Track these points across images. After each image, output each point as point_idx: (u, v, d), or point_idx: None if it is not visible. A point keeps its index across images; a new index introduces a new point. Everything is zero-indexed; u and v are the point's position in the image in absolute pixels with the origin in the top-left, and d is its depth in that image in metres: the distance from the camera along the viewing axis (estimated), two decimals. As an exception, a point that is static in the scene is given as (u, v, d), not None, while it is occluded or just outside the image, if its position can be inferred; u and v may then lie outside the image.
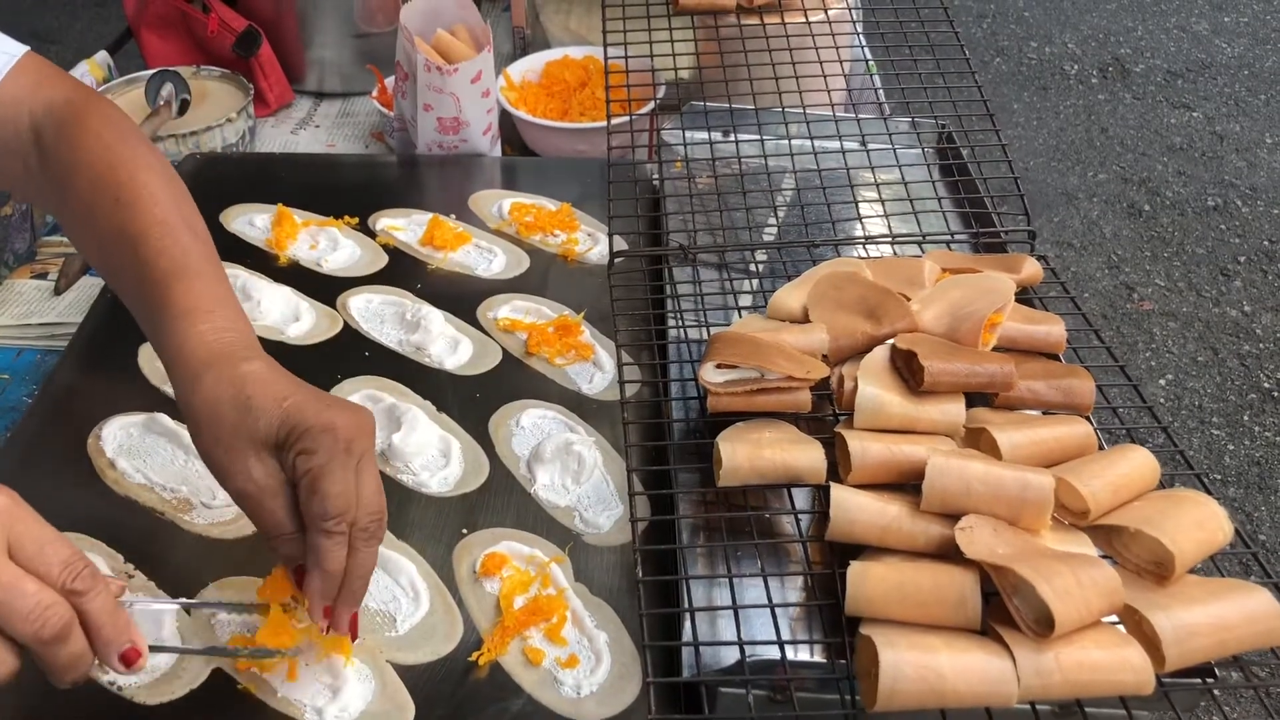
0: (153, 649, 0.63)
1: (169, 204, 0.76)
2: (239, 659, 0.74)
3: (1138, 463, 0.73)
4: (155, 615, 0.76)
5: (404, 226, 1.17)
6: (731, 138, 1.12)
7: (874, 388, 0.76)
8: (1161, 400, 2.59)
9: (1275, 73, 3.91)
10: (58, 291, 1.15)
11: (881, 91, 1.32)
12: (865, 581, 0.66)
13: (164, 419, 0.92)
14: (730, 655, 0.71)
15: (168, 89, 1.36)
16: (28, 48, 0.84)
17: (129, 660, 0.61)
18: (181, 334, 0.70)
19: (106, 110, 0.82)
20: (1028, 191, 1.05)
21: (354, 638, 0.72)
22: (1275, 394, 2.63)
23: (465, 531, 0.85)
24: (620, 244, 1.03)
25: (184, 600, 0.78)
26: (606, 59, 1.19)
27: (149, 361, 0.99)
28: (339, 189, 1.24)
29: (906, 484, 0.73)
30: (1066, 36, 4.16)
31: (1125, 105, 3.75)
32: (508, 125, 1.39)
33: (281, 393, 0.67)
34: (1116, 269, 3.02)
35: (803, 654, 0.72)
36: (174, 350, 0.70)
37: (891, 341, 0.81)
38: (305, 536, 0.66)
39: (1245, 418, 2.57)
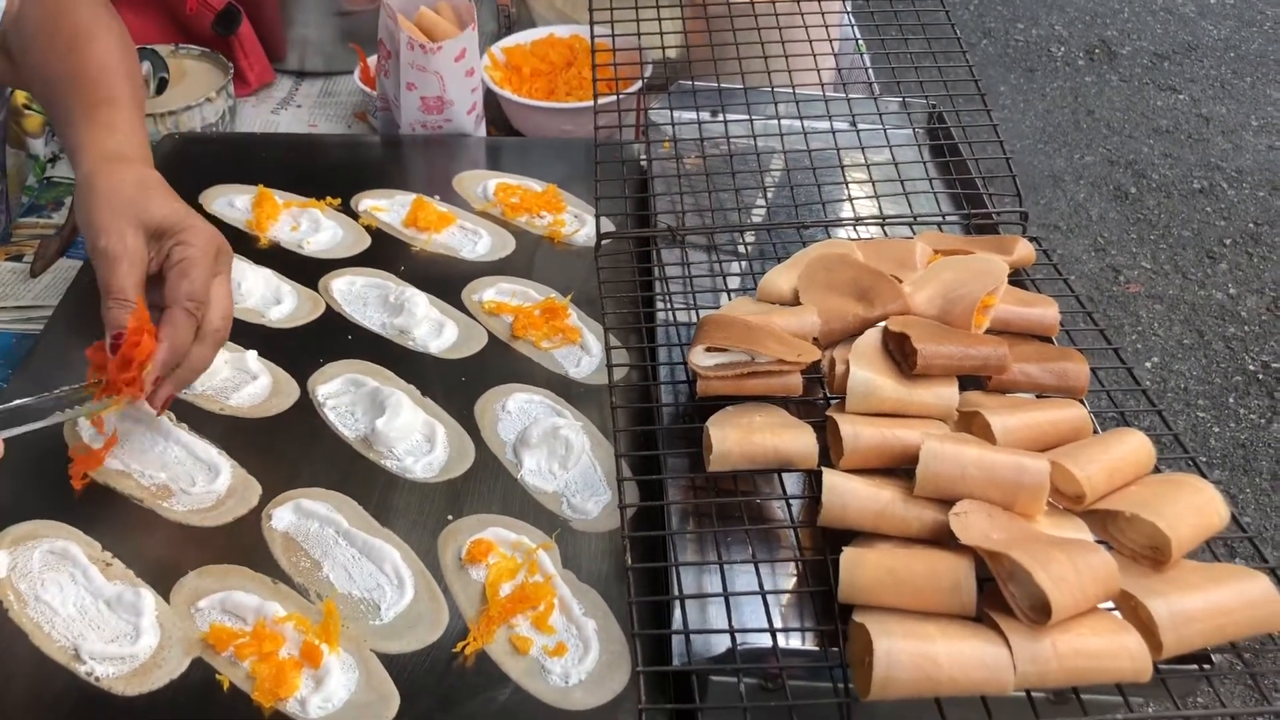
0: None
1: (113, 54, 0.91)
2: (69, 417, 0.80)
3: (1133, 446, 0.72)
4: (134, 602, 0.75)
5: (387, 208, 1.16)
6: (720, 118, 1.11)
7: (866, 371, 0.75)
8: (1148, 382, 2.59)
9: (1261, 55, 3.91)
10: (33, 274, 1.13)
11: (871, 71, 1.31)
12: (858, 568, 0.65)
13: (143, 403, 0.90)
14: (721, 643, 0.70)
15: (145, 67, 1.33)
16: None
17: None
18: (98, 135, 0.84)
19: None
20: (1015, 173, 1.04)
21: (159, 413, 0.83)
22: (1260, 376, 2.64)
23: (450, 518, 0.84)
24: (607, 225, 1.02)
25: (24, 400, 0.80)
26: (593, 37, 1.17)
27: (127, 345, 0.97)
28: (321, 169, 1.22)
29: (899, 468, 0.72)
30: (1053, 18, 4.15)
31: (1112, 87, 3.74)
32: (493, 105, 1.37)
33: (175, 196, 0.83)
34: (1103, 251, 3.02)
35: (795, 641, 0.71)
36: (87, 142, 0.84)
37: (883, 324, 0.80)
38: (140, 312, 0.77)
39: (1230, 400, 2.58)
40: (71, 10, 0.93)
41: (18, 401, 0.79)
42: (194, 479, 0.85)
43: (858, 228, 1.01)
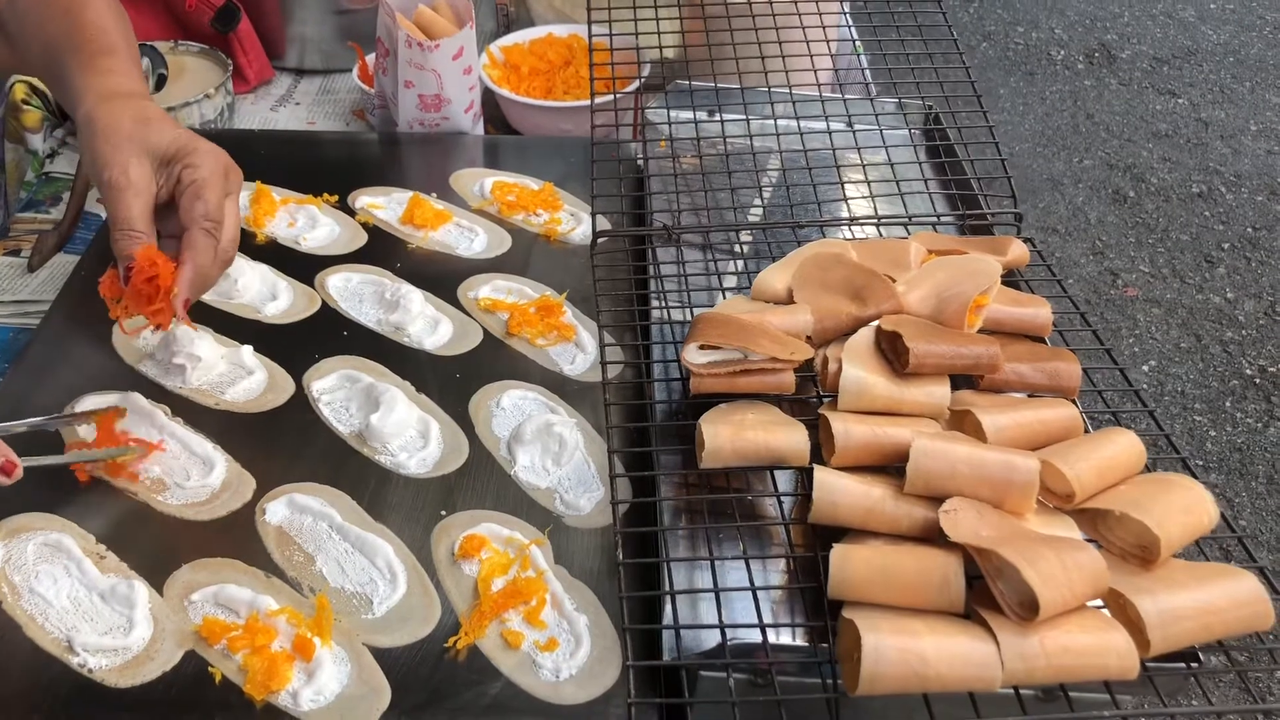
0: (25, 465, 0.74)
1: (108, 14, 0.91)
2: (84, 462, 0.83)
3: (1123, 446, 0.72)
4: (127, 594, 0.75)
5: (384, 205, 1.16)
6: (717, 117, 1.11)
7: (858, 369, 0.75)
8: (1145, 386, 2.59)
9: (1260, 60, 3.92)
10: (31, 269, 1.13)
11: (868, 72, 1.31)
12: (848, 564, 0.65)
13: (138, 398, 0.91)
14: (711, 638, 0.70)
15: (145, 64, 1.33)
16: None
17: (7, 471, 0.72)
18: (98, 81, 0.84)
19: None
20: (1013, 176, 1.04)
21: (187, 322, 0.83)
22: (1257, 381, 2.64)
23: (444, 513, 0.84)
24: (603, 224, 1.02)
25: (38, 419, 0.85)
26: (591, 37, 1.17)
27: (123, 340, 0.97)
28: (318, 166, 1.22)
29: (890, 466, 0.72)
30: (1053, 22, 4.15)
31: (1111, 91, 3.75)
32: (490, 103, 1.38)
33: (176, 124, 0.83)
34: (1101, 255, 3.03)
35: (784, 637, 0.71)
36: (85, 87, 0.84)
37: (876, 323, 0.80)
38: (150, 241, 0.78)
39: (1227, 404, 2.58)
40: None
41: (32, 420, 0.83)
42: (189, 473, 0.86)
43: (853, 228, 1.01)
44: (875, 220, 1.01)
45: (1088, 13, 4.21)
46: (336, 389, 0.94)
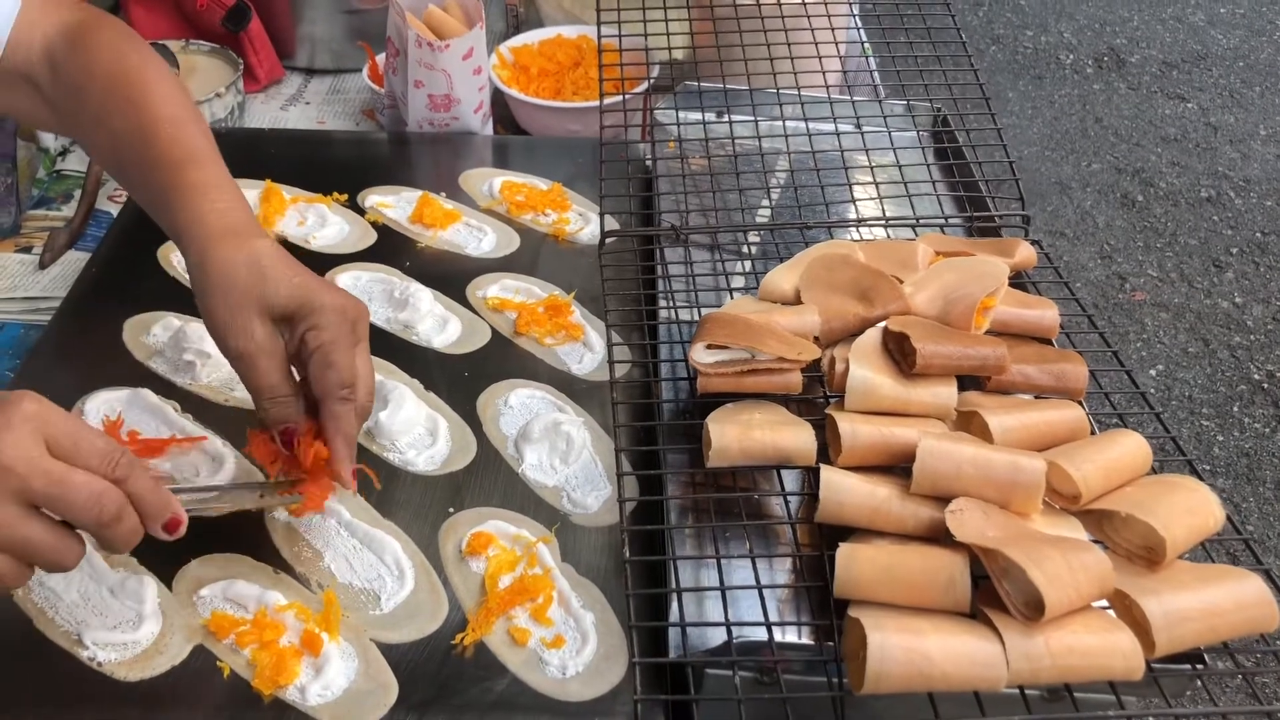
0: (191, 517, 0.68)
1: (179, 103, 0.83)
2: (263, 495, 0.78)
3: (1130, 448, 0.72)
4: (137, 589, 0.76)
5: (393, 204, 1.16)
6: (725, 118, 1.11)
7: (865, 370, 0.76)
8: (1152, 390, 2.59)
9: (1270, 64, 3.91)
10: (42, 265, 1.14)
11: (877, 74, 1.31)
12: (854, 564, 0.65)
13: (148, 394, 0.91)
14: (717, 636, 0.70)
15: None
16: None
17: (172, 528, 0.66)
18: (196, 208, 0.76)
19: (116, 24, 0.88)
20: (1021, 179, 1.04)
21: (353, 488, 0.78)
22: (1265, 385, 2.63)
23: (452, 510, 0.84)
24: (612, 224, 1.02)
25: (209, 484, 0.82)
26: (600, 38, 1.18)
27: (133, 337, 0.98)
28: (328, 165, 1.23)
29: (896, 466, 0.73)
30: (1062, 26, 4.15)
31: (1120, 95, 3.74)
32: (500, 104, 1.38)
33: (293, 269, 0.75)
34: (1109, 259, 3.02)
35: (790, 636, 0.71)
36: (188, 221, 0.76)
37: (884, 324, 0.80)
38: (299, 402, 0.74)
39: (1235, 409, 2.57)
40: (119, 57, 0.85)
41: (215, 483, 0.82)
42: (198, 469, 0.86)
43: (861, 229, 1.02)
44: (883, 221, 1.01)
45: (1097, 17, 4.21)
46: (345, 386, 0.94)
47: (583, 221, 1.15)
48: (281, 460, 0.77)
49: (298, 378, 0.76)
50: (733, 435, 0.74)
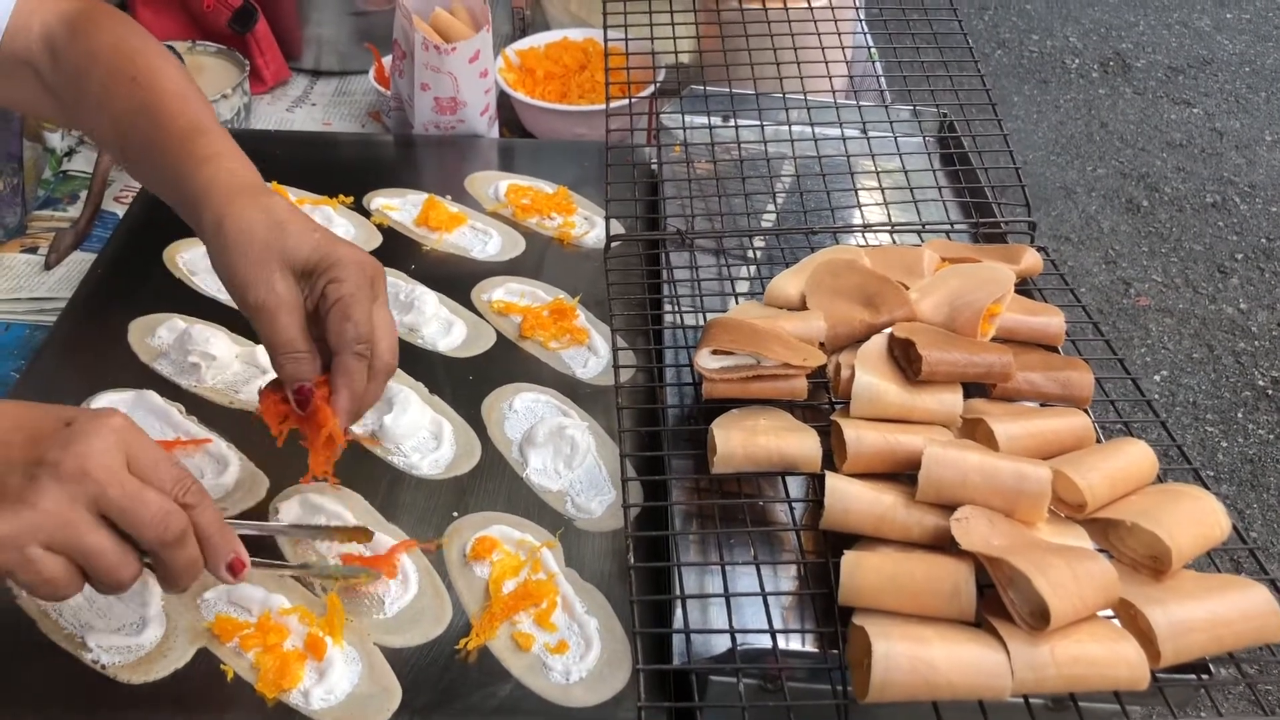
0: (254, 564, 0.68)
1: (181, 81, 0.83)
2: (331, 578, 0.77)
3: (1135, 456, 0.72)
4: (141, 591, 0.76)
5: (399, 206, 1.16)
6: (731, 123, 1.11)
7: (871, 376, 0.76)
8: (1156, 396, 2.58)
9: (1276, 70, 3.90)
10: (48, 266, 1.14)
11: (883, 79, 1.31)
12: (859, 571, 0.65)
13: (153, 396, 0.91)
14: (721, 643, 0.70)
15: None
16: None
17: (235, 569, 0.66)
18: (209, 173, 0.75)
19: (114, 12, 0.88)
20: (1027, 184, 1.04)
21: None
22: (1269, 392, 2.63)
23: (456, 514, 0.84)
24: (617, 228, 1.02)
25: (273, 525, 0.82)
26: (606, 41, 1.18)
27: (139, 338, 0.98)
28: (334, 168, 1.23)
29: (902, 474, 0.73)
30: (1068, 30, 4.14)
31: (1126, 100, 3.74)
32: (506, 107, 1.38)
33: (311, 225, 0.74)
34: (1114, 264, 3.02)
35: (794, 643, 0.71)
36: (202, 186, 0.75)
37: (889, 330, 0.80)
38: (316, 360, 0.73)
39: (1239, 415, 2.57)
40: (119, 40, 0.85)
41: (274, 526, 0.81)
42: (202, 471, 0.86)
43: (866, 234, 1.02)
44: (889, 227, 1.01)
45: (1103, 21, 4.20)
46: (350, 389, 0.94)
47: (588, 225, 1.15)
48: (292, 418, 0.76)
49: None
50: (738, 441, 0.74)
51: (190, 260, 1.07)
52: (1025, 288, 0.93)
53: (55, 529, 0.58)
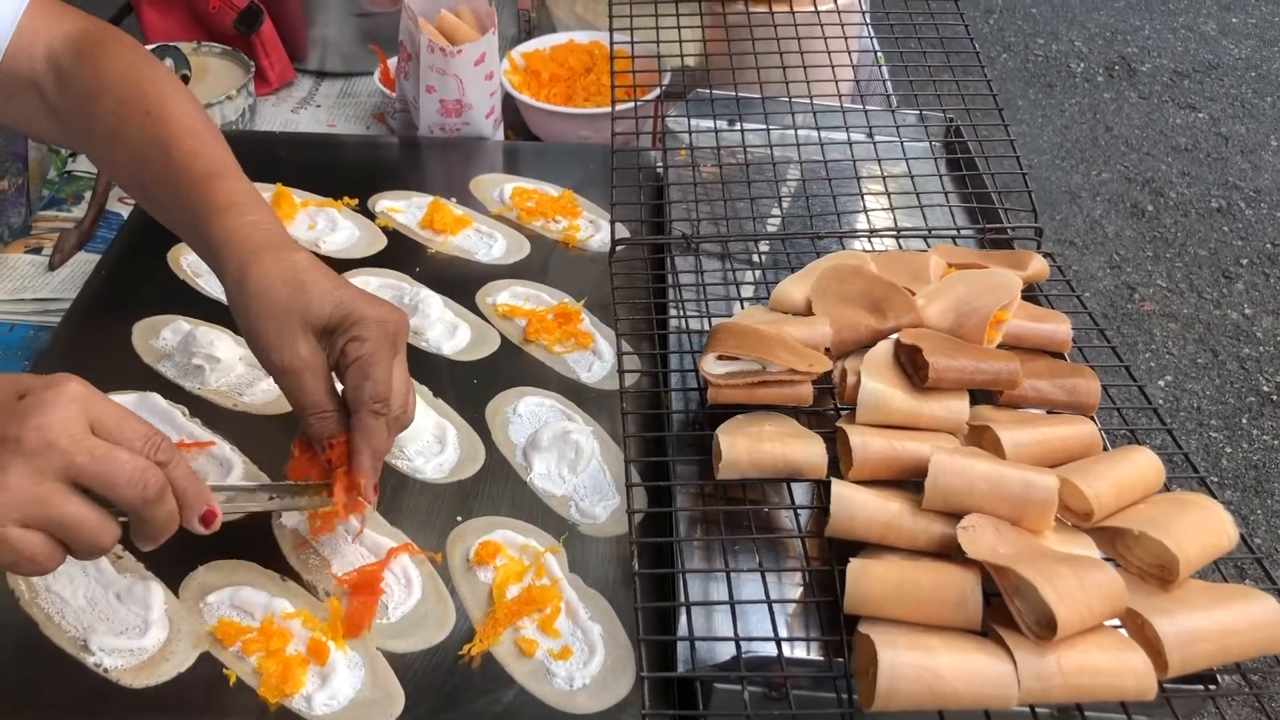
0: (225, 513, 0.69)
1: (195, 115, 0.83)
2: (274, 497, 0.77)
3: (1142, 465, 0.72)
4: (144, 595, 0.76)
5: (404, 209, 1.16)
6: (737, 127, 1.11)
7: (877, 383, 0.75)
8: (1161, 401, 2.58)
9: (1282, 75, 3.90)
10: (52, 267, 1.13)
11: (889, 84, 1.31)
12: (864, 579, 0.65)
13: (156, 398, 0.91)
14: (726, 651, 0.70)
15: (167, 64, 1.34)
16: None
17: (208, 520, 0.67)
18: (228, 224, 0.75)
19: (123, 37, 0.88)
20: (1032, 189, 1.04)
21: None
22: (1274, 397, 2.62)
23: (459, 519, 0.84)
24: (622, 232, 1.02)
25: (242, 484, 0.80)
26: (612, 44, 1.18)
27: (143, 340, 0.98)
28: (339, 169, 1.23)
29: (908, 481, 0.72)
30: (1073, 34, 4.14)
31: (1131, 104, 3.73)
32: (511, 109, 1.38)
33: (333, 281, 0.74)
34: (1118, 269, 3.01)
35: (799, 651, 0.71)
36: (221, 238, 0.75)
37: (895, 336, 0.80)
38: (343, 416, 0.74)
39: (1244, 421, 2.57)
40: (130, 68, 0.84)
41: (240, 483, 0.81)
42: (207, 474, 0.86)
43: (872, 239, 1.01)
44: (895, 232, 1.01)
45: (1108, 25, 4.20)
46: (354, 392, 0.94)
47: (593, 229, 1.15)
48: (315, 474, 0.77)
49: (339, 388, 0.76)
50: (743, 447, 0.74)
51: (195, 262, 1.07)
52: (1031, 293, 0.93)
53: (28, 506, 0.57)
